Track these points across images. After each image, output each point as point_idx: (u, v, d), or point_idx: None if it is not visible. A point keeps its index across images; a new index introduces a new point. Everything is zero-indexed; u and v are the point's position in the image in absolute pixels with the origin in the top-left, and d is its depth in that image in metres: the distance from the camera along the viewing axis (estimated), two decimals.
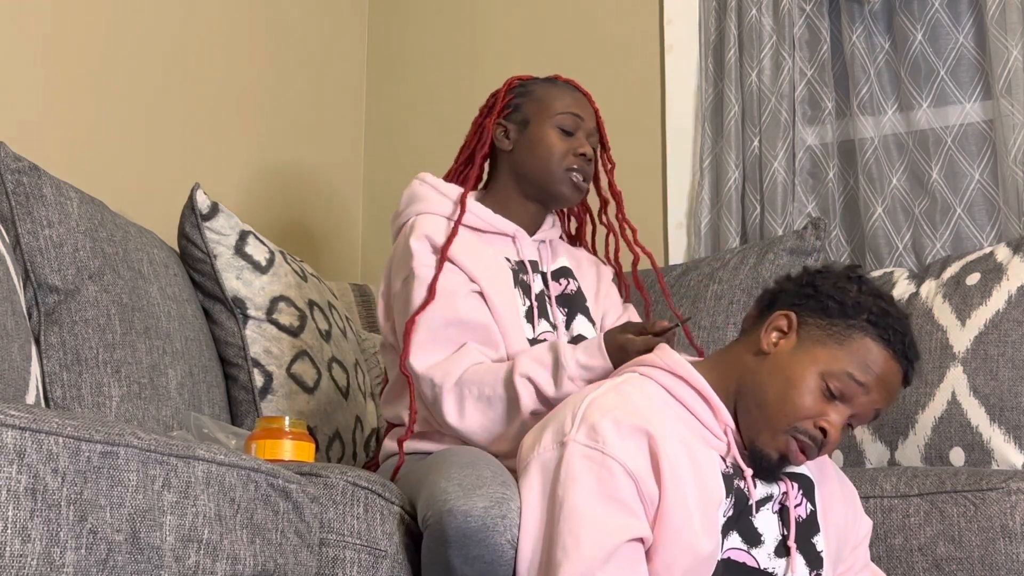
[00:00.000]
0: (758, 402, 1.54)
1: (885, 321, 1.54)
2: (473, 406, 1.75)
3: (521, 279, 1.91)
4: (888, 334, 1.53)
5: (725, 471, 1.52)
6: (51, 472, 1.09)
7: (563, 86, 1.99)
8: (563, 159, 1.92)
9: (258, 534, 1.34)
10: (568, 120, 1.93)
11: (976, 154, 2.46)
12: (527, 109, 1.97)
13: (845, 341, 1.53)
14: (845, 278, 1.59)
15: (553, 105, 1.94)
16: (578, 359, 1.71)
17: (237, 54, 2.76)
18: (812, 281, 1.61)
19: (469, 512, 1.43)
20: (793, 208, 2.56)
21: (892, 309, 1.56)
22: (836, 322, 1.54)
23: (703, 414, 1.56)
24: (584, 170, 1.94)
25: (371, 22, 3.25)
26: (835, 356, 1.52)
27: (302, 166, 2.94)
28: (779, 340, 1.57)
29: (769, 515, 1.54)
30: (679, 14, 2.81)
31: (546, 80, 2.01)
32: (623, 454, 1.46)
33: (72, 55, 2.29)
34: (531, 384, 1.72)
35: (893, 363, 1.54)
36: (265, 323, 2.20)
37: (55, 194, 1.86)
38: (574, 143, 1.93)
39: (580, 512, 1.44)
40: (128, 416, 1.84)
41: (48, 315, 1.82)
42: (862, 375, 1.52)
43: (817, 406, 1.52)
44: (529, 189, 1.96)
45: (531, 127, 1.95)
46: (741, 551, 1.50)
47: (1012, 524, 1.71)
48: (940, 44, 2.52)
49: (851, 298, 1.56)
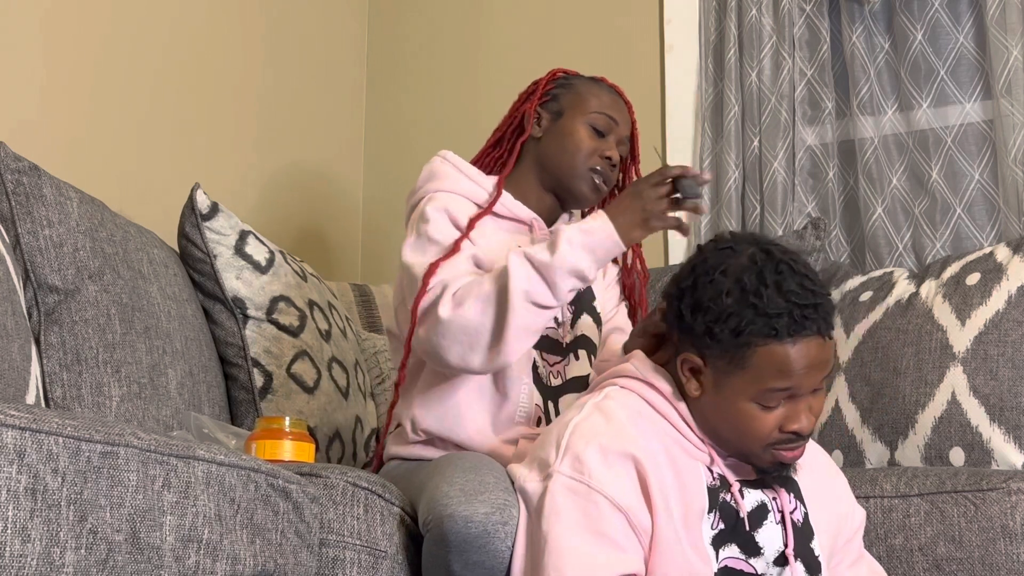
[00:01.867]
0: (721, 440, 1.50)
1: (765, 317, 1.40)
2: (471, 303, 1.66)
3: None
4: (775, 326, 1.40)
5: (711, 484, 1.48)
6: (51, 472, 1.09)
7: (606, 88, 1.96)
8: (589, 157, 1.88)
9: (258, 534, 1.34)
10: (602, 120, 1.90)
11: (976, 154, 2.46)
12: (564, 100, 1.93)
13: (745, 361, 1.42)
14: (702, 284, 1.45)
15: (591, 102, 1.91)
16: (578, 225, 1.69)
17: (237, 54, 2.76)
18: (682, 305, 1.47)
19: (470, 518, 1.42)
20: (793, 208, 2.56)
21: (765, 292, 1.41)
22: (726, 346, 1.42)
23: (682, 427, 1.51)
24: (606, 174, 1.89)
25: (371, 22, 3.25)
26: (748, 381, 1.42)
27: (302, 166, 2.94)
28: (700, 381, 1.48)
29: (772, 527, 1.50)
30: (679, 14, 2.81)
31: (591, 78, 1.98)
32: (611, 487, 1.42)
33: (72, 55, 2.29)
34: (523, 256, 1.67)
35: (803, 346, 1.41)
36: (265, 323, 2.20)
37: (55, 194, 1.86)
38: (603, 145, 1.89)
39: (564, 548, 1.40)
40: (128, 416, 1.84)
41: (48, 315, 1.82)
42: (783, 380, 1.42)
43: (769, 422, 1.45)
44: (549, 180, 1.92)
45: (564, 118, 1.91)
46: (739, 560, 1.48)
47: (1012, 524, 1.71)
48: (940, 44, 2.53)
49: (719, 312, 1.42)
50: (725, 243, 1.49)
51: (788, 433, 1.45)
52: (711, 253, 1.48)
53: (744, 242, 1.48)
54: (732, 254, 1.46)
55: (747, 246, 1.47)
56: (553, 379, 1.81)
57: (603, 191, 1.91)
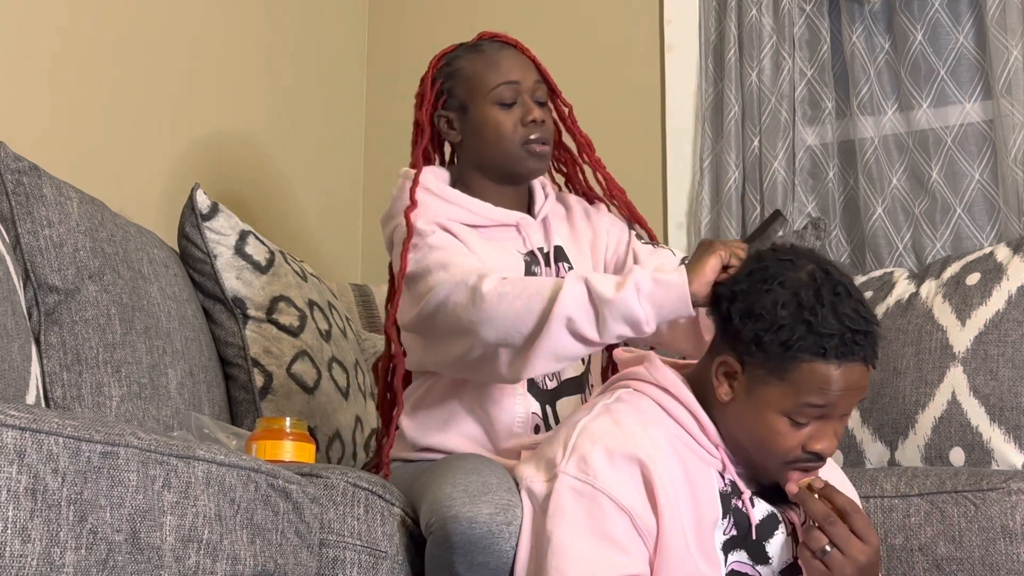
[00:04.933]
0: (740, 449, 1.49)
1: (816, 335, 1.40)
2: (515, 297, 1.56)
3: (533, 271, 1.80)
4: (825, 345, 1.40)
5: (723, 489, 1.48)
6: (51, 472, 1.09)
7: (489, 51, 1.84)
8: (514, 135, 1.79)
9: (258, 534, 1.34)
10: (506, 92, 1.80)
11: (976, 154, 2.46)
12: (460, 92, 1.83)
13: (787, 374, 1.41)
14: (758, 291, 1.44)
15: (485, 81, 1.81)
16: (654, 276, 1.53)
17: (237, 54, 2.76)
18: (733, 308, 1.46)
19: (474, 519, 1.41)
20: (793, 208, 2.56)
21: (820, 311, 1.41)
22: (771, 356, 1.42)
23: (695, 432, 1.50)
24: (541, 135, 1.80)
25: (371, 22, 3.25)
26: (785, 394, 1.42)
27: (302, 166, 2.94)
28: (732, 385, 1.47)
29: (782, 537, 1.50)
30: (679, 14, 2.81)
31: (471, 49, 1.86)
32: (615, 488, 1.42)
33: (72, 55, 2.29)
34: (583, 282, 1.55)
35: (847, 369, 1.41)
36: (265, 323, 2.20)
37: (55, 194, 1.85)
38: (519, 112, 1.79)
39: (567, 549, 1.40)
40: (128, 416, 1.84)
41: (48, 315, 1.82)
42: (821, 398, 1.41)
43: (795, 439, 1.44)
44: (494, 174, 1.83)
45: (471, 111, 1.82)
46: (746, 564, 1.47)
47: (1012, 524, 1.71)
48: (940, 44, 2.53)
49: (771, 322, 1.42)
50: (786, 255, 1.48)
51: (809, 453, 1.45)
52: (771, 262, 1.47)
53: (804, 257, 1.47)
54: (792, 267, 1.45)
55: (807, 262, 1.46)
56: (548, 382, 1.78)
57: (547, 152, 1.82)
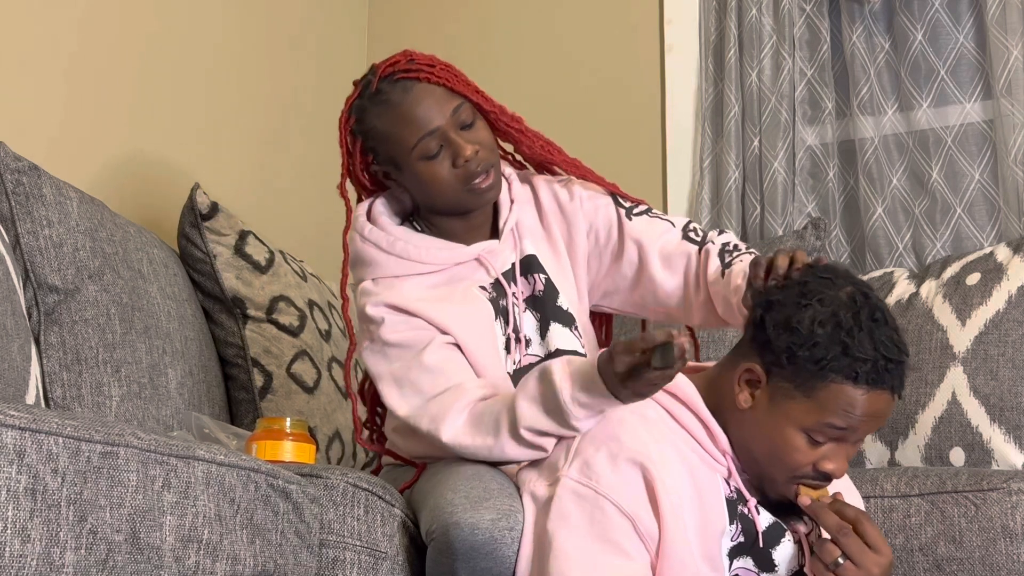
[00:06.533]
0: (750, 458, 1.48)
1: (850, 359, 1.39)
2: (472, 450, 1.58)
3: (501, 306, 1.73)
4: (857, 369, 1.39)
5: (729, 496, 1.48)
6: (51, 472, 1.09)
7: (394, 98, 1.68)
8: (454, 180, 1.67)
9: (258, 534, 1.34)
10: (429, 144, 1.65)
11: (976, 154, 2.46)
12: (383, 152, 1.71)
13: (814, 392, 1.40)
14: (796, 305, 1.42)
15: (403, 140, 1.66)
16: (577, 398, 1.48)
17: (237, 54, 2.76)
18: (768, 317, 1.44)
19: (476, 525, 1.41)
20: (793, 208, 2.56)
21: (857, 335, 1.40)
22: (800, 371, 1.41)
23: (703, 438, 1.49)
24: (480, 166, 1.66)
25: (371, 22, 3.25)
26: (808, 410, 1.41)
27: (302, 166, 2.94)
28: (753, 393, 1.46)
29: (789, 545, 1.49)
30: (679, 14, 2.81)
31: (376, 100, 1.69)
32: (618, 492, 1.41)
33: (72, 55, 2.29)
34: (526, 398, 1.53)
35: (874, 396, 1.41)
36: (265, 323, 2.20)
37: (55, 194, 1.85)
38: (449, 155, 1.66)
39: (569, 553, 1.39)
40: (128, 416, 1.84)
41: (48, 315, 1.82)
42: (843, 421, 1.41)
43: (808, 456, 1.44)
44: (444, 212, 1.74)
45: (401, 168, 1.70)
46: (750, 571, 1.47)
47: (1013, 524, 1.71)
48: (940, 44, 2.52)
49: (807, 338, 1.40)
50: (826, 272, 1.47)
51: (819, 472, 1.45)
52: (811, 278, 1.46)
53: (843, 278, 1.47)
54: (831, 285, 1.44)
55: (846, 283, 1.46)
56: None
57: (493, 182, 1.69)
